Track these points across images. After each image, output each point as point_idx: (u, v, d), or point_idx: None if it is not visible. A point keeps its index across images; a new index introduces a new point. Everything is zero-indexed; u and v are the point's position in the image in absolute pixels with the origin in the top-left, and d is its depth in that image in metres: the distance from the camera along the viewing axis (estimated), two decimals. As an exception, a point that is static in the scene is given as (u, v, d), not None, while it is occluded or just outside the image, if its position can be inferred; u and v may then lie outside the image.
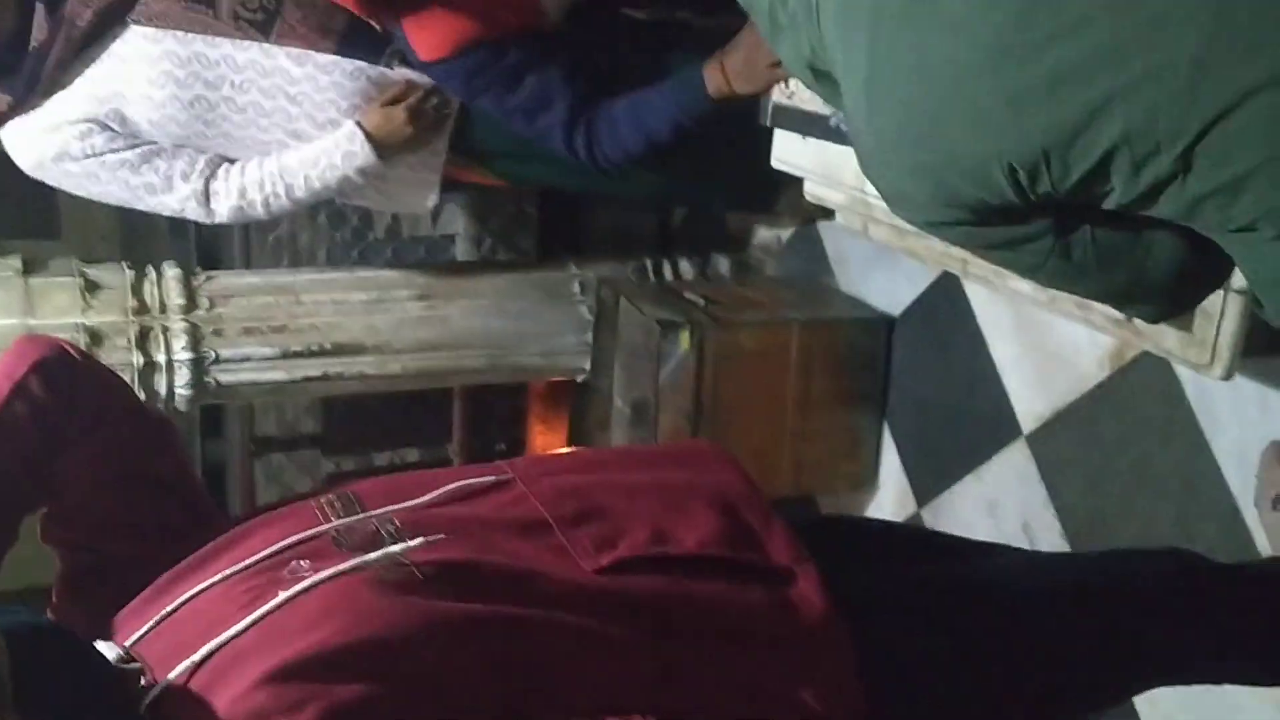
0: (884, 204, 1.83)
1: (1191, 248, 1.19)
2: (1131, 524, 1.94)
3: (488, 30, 1.86)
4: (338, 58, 2.05)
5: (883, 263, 2.46)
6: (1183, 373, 1.82)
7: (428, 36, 1.88)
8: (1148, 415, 1.89)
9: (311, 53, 2.04)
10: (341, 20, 2.09)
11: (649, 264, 2.83)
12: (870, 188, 1.92)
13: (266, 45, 2.04)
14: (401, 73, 2.07)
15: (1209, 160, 0.96)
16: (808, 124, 1.92)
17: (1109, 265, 1.19)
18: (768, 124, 2.02)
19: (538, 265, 2.88)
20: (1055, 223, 1.16)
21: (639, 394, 2.51)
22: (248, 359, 2.49)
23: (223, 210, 2.08)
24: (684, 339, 2.29)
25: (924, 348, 2.38)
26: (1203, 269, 1.22)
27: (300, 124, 2.06)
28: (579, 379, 2.75)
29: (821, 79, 1.33)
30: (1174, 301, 1.24)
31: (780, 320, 2.40)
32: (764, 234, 2.88)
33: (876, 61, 1.12)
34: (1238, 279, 1.60)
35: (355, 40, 2.09)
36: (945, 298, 2.30)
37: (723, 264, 2.88)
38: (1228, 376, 1.64)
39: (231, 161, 2.08)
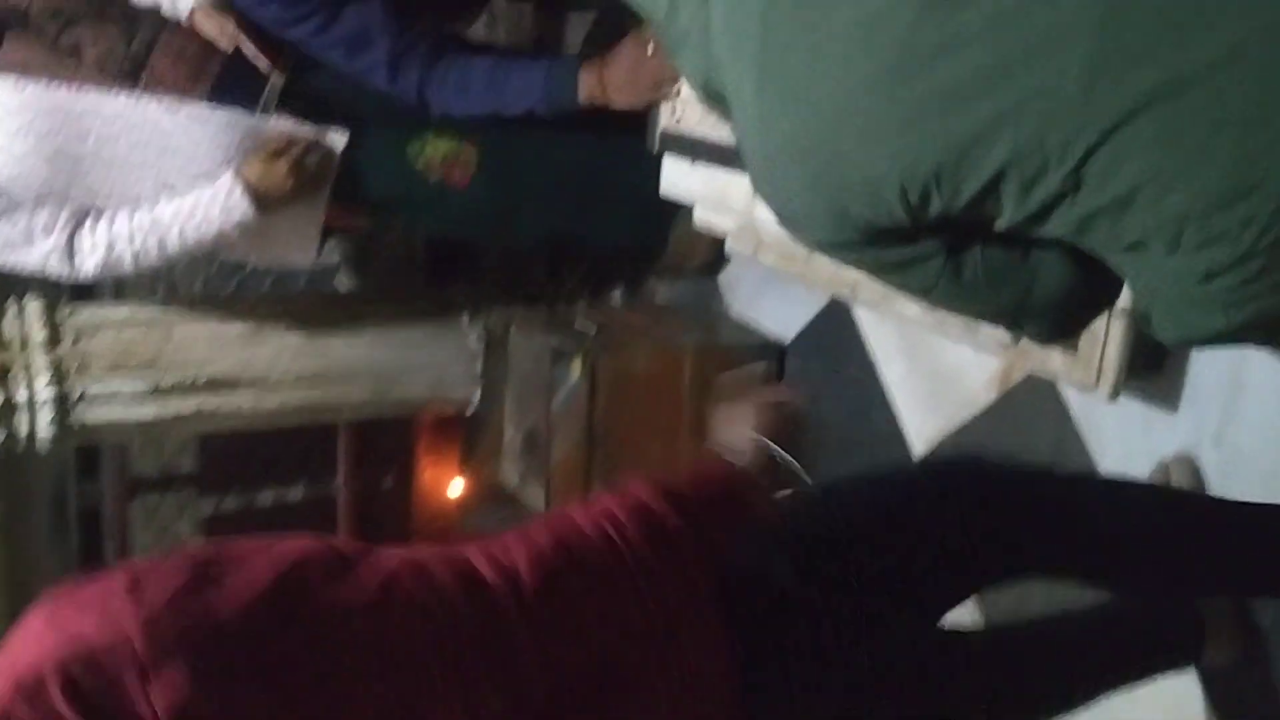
0: (775, 228, 1.83)
1: (1080, 268, 1.19)
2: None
3: None
4: (212, 107, 1.98)
5: (773, 288, 2.45)
6: (1069, 393, 1.84)
7: None
8: (1036, 436, 1.91)
9: (183, 102, 1.97)
10: (215, 66, 2.02)
11: (539, 290, 2.79)
12: (761, 212, 1.91)
13: (135, 95, 1.96)
14: (279, 122, 2.01)
15: (1098, 176, 0.95)
16: (695, 148, 1.91)
17: (997, 285, 1.19)
18: (655, 150, 2.00)
19: (424, 294, 2.81)
20: (946, 243, 1.15)
21: (531, 423, 2.46)
22: (116, 396, 2.37)
23: (88, 265, 1.98)
24: (576, 366, 2.25)
25: (816, 372, 2.38)
26: (1092, 289, 1.22)
27: (173, 176, 1.97)
28: (469, 411, 2.69)
29: (717, 99, 1.31)
30: (1063, 322, 1.25)
31: (672, 346, 2.38)
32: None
33: (766, 77, 1.10)
34: (1122, 299, 1.63)
35: (230, 87, 2.01)
36: (835, 323, 2.30)
37: (614, 290, 2.86)
38: (1114, 396, 1.66)
39: (98, 214, 1.98)
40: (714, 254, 2.45)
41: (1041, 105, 0.95)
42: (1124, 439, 1.77)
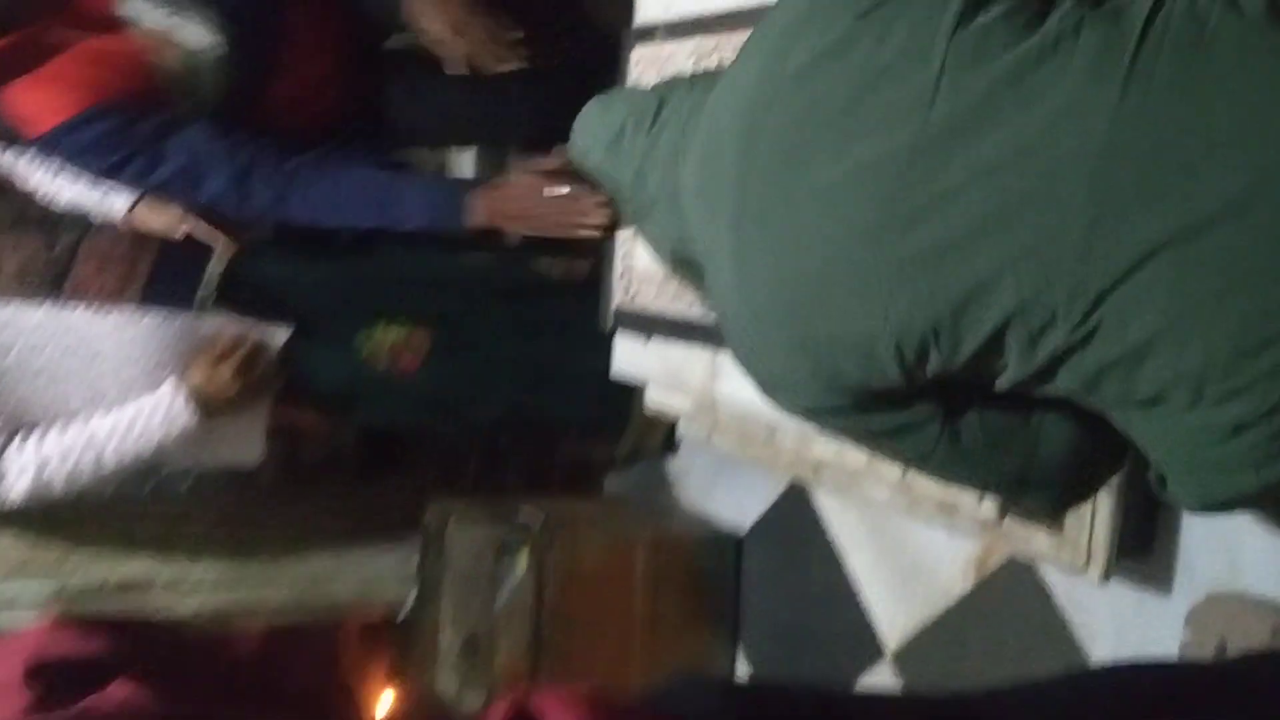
0: (734, 408, 1.74)
1: (1086, 429, 1.11)
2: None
3: (97, 95, 1.69)
4: (142, 308, 1.88)
5: (727, 475, 2.35)
6: (1052, 578, 1.73)
7: (32, 108, 1.70)
8: (1018, 625, 1.79)
9: (112, 306, 1.87)
10: (146, 266, 1.94)
11: (478, 480, 2.65)
12: (723, 388, 1.82)
13: (58, 303, 1.86)
14: (216, 319, 1.91)
15: (1110, 326, 0.88)
16: (651, 325, 1.83)
17: (1000, 450, 1.10)
18: (609, 328, 1.92)
19: (355, 484, 2.66)
20: (942, 407, 1.06)
21: (471, 626, 2.28)
22: (17, 599, 2.17)
23: (18, 489, 1.83)
24: (521, 560, 2.10)
25: (775, 564, 2.25)
26: (1098, 452, 1.13)
27: (104, 383, 1.85)
28: (401, 615, 2.49)
29: (686, 266, 1.23)
30: (1069, 487, 1.15)
31: (625, 538, 2.24)
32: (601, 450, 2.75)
33: (744, 238, 1.03)
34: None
35: (163, 285, 1.92)
36: (795, 510, 2.19)
37: (558, 480, 2.73)
38: (1105, 579, 1.56)
39: (28, 431, 1.84)
40: (665, 439, 2.35)
41: (1045, 252, 0.87)
42: (1115, 625, 1.66)
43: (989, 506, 1.55)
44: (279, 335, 1.93)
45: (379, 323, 2.00)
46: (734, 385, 1.77)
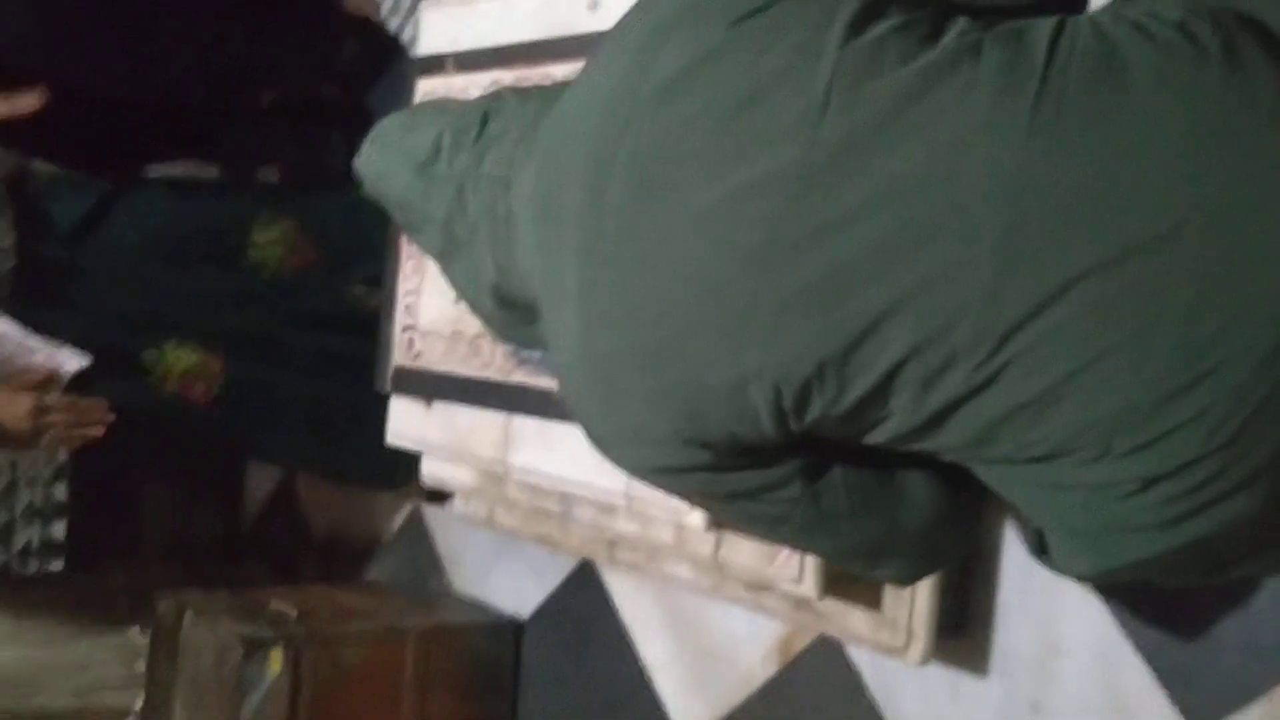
0: (527, 480, 1.57)
1: (948, 491, 1.02)
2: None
3: None
4: None
5: (506, 557, 2.16)
6: (862, 661, 1.64)
7: None
8: (826, 712, 1.68)
9: None
10: None
11: (219, 571, 2.35)
12: (515, 458, 1.65)
13: None
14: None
15: (1016, 369, 0.78)
16: (437, 387, 1.65)
17: (863, 513, 0.98)
18: (387, 391, 1.72)
19: (71, 575, 2.30)
20: (805, 465, 0.95)
21: (209, 735, 1.98)
22: None
23: None
24: (274, 660, 1.83)
25: (560, 653, 2.07)
26: (959, 516, 1.05)
27: None
28: (126, 724, 2.16)
29: (508, 307, 1.08)
30: (930, 553, 1.05)
31: (392, 630, 2.01)
32: (360, 533, 2.50)
33: (597, 271, 0.88)
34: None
35: None
36: (582, 593, 2.03)
37: (308, 570, 2.46)
38: (925, 661, 1.47)
39: None
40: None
41: (948, 285, 0.77)
42: (927, 711, 1.58)
43: (809, 584, 1.44)
44: (71, 363, 1.64)
45: (169, 342, 1.75)
46: (529, 455, 1.61)
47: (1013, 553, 1.50)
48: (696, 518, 1.42)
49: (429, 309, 1.66)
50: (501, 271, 1.01)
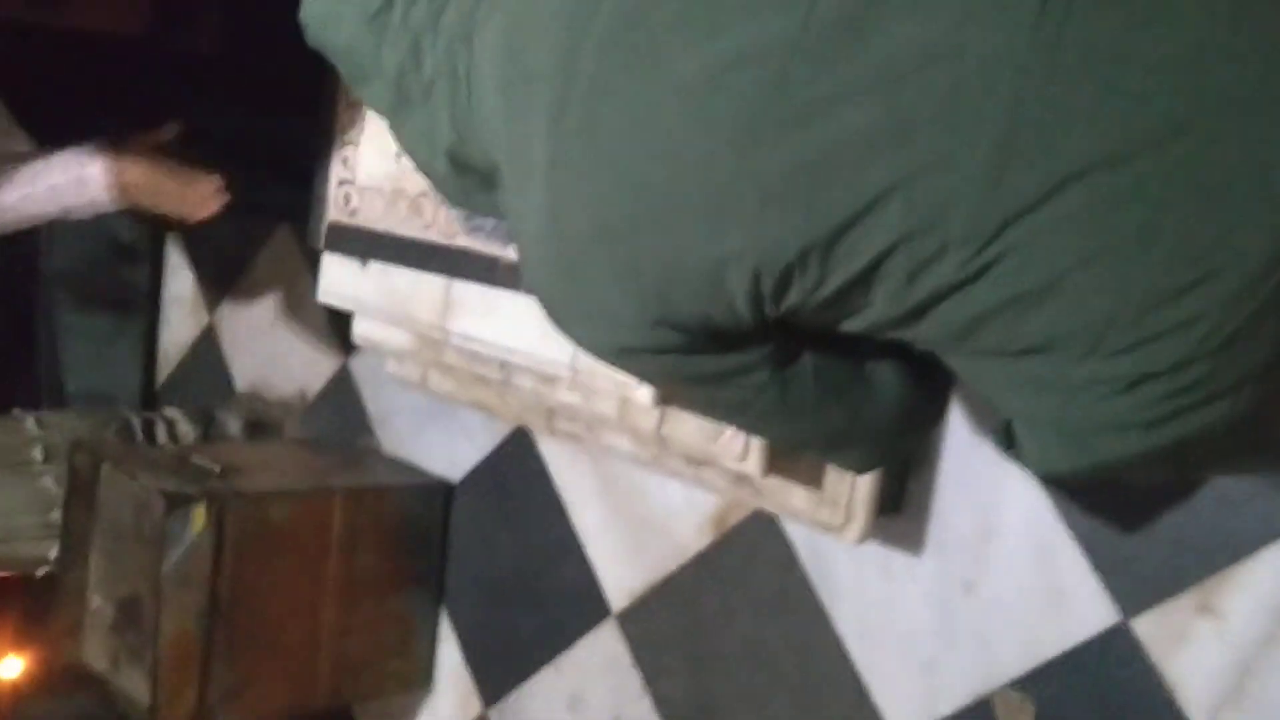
0: (466, 347, 1.52)
1: (914, 380, 1.00)
2: (743, 711, 1.71)
3: None
4: None
5: (438, 420, 2.12)
6: (796, 536, 1.65)
7: None
8: (757, 586, 1.70)
9: None
10: None
11: (136, 422, 2.28)
12: (455, 324, 1.59)
13: None
14: None
15: (1009, 262, 0.74)
16: (374, 246, 1.57)
17: (829, 403, 0.96)
18: (320, 247, 1.64)
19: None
20: (775, 352, 0.92)
21: (129, 589, 1.94)
22: None
23: None
24: (198, 517, 1.78)
25: (490, 519, 2.06)
26: (924, 405, 1.03)
27: None
28: (39, 572, 2.10)
29: (464, 172, 1.01)
30: (890, 445, 1.04)
31: (320, 489, 1.97)
32: (284, 389, 2.44)
33: (567, 138, 0.82)
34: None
35: None
36: (517, 459, 2.00)
37: (231, 424, 2.39)
38: (862, 539, 1.48)
39: None
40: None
41: (946, 171, 0.73)
42: (859, 586, 1.59)
43: (752, 462, 1.43)
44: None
45: None
46: (470, 322, 1.55)
47: (955, 437, 1.50)
48: (644, 393, 1.38)
49: (367, 163, 1.57)
50: (459, 134, 0.94)
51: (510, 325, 1.49)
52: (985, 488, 1.47)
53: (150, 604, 1.83)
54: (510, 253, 1.39)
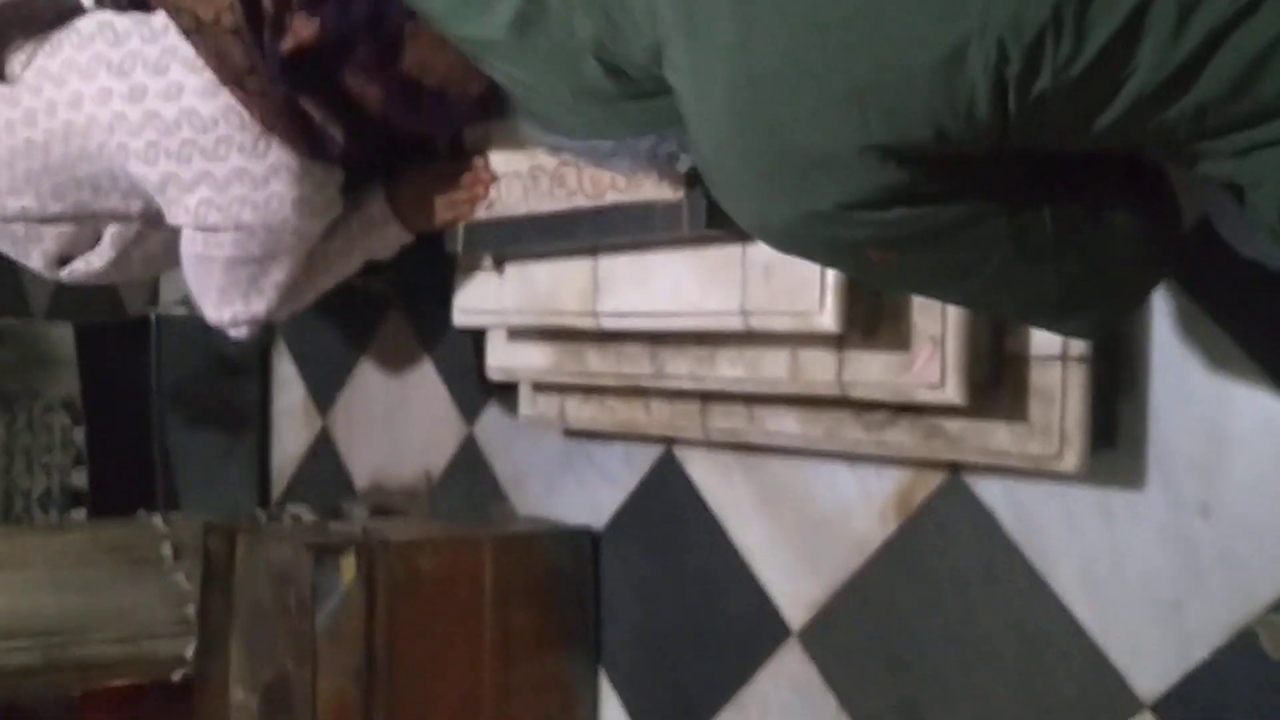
0: (611, 327, 1.44)
1: (1148, 215, 0.92)
2: (963, 709, 1.54)
3: None
4: None
5: (575, 468, 2.02)
6: (994, 498, 1.51)
7: None
8: (956, 565, 1.55)
9: None
10: None
11: (262, 516, 2.20)
12: (607, 303, 1.52)
13: None
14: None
15: None
16: (519, 233, 1.52)
17: (1066, 250, 0.87)
18: (459, 250, 1.60)
19: (103, 520, 2.15)
20: (1007, 200, 0.84)
21: (274, 671, 1.82)
22: None
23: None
24: (348, 567, 1.68)
25: (642, 562, 1.93)
26: (1162, 242, 0.95)
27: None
28: (176, 675, 1.99)
29: (615, 74, 0.96)
30: (1126, 296, 0.96)
31: (467, 538, 1.86)
32: (407, 476, 2.36)
33: None
34: (1075, 345, 1.35)
35: None
36: (664, 489, 1.89)
37: (357, 513, 2.31)
38: (1082, 467, 1.35)
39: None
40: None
41: None
42: (1078, 541, 1.45)
43: (951, 388, 1.32)
44: None
45: None
46: (622, 296, 1.49)
47: (1162, 353, 1.38)
48: (828, 317, 1.29)
49: (497, 154, 1.54)
50: (609, 19, 0.90)
51: (668, 287, 1.43)
52: (1205, 397, 1.34)
53: (300, 676, 1.71)
54: (665, 189, 1.32)
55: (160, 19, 1.45)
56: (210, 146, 1.44)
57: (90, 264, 1.72)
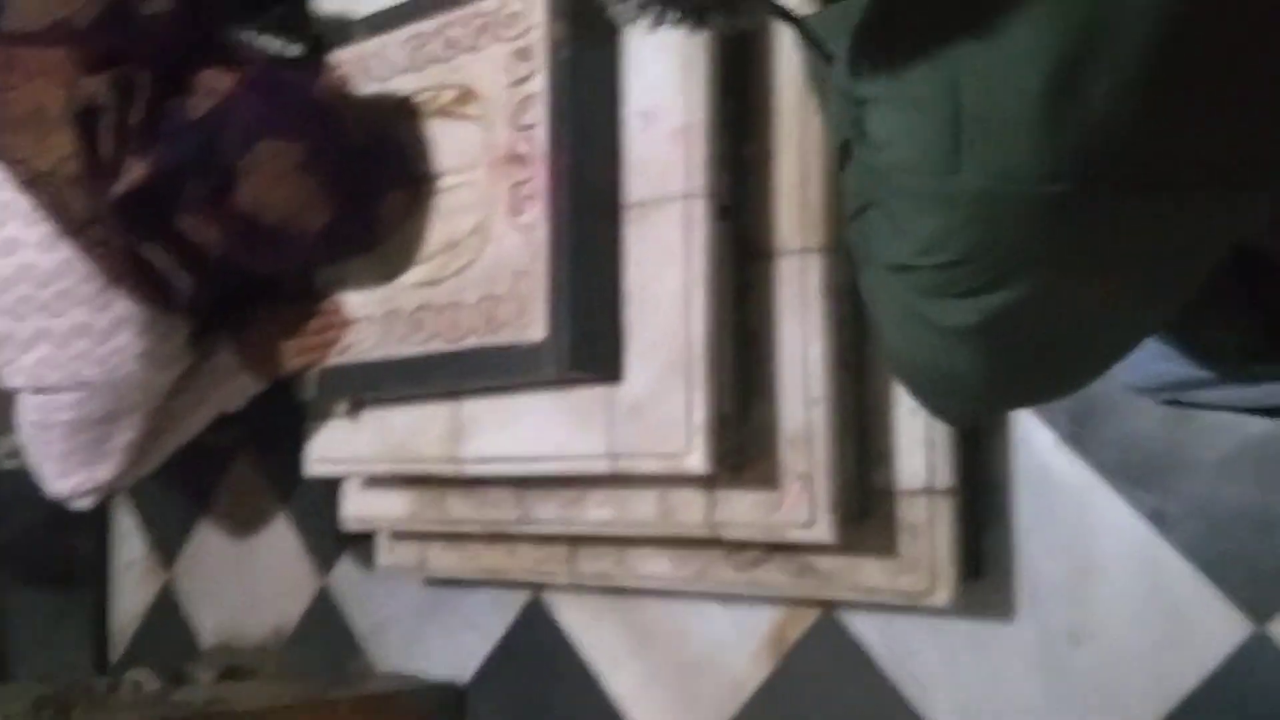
0: (473, 473, 1.39)
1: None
2: None
3: None
4: None
5: (438, 617, 1.93)
6: (866, 635, 1.49)
7: None
8: (833, 702, 1.52)
9: None
10: None
11: (100, 681, 2.03)
12: (467, 449, 1.46)
13: None
14: None
15: None
16: (374, 377, 1.46)
17: None
18: (311, 397, 1.53)
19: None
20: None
21: None
22: None
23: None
24: (188, 739, 1.56)
25: (510, 713, 1.84)
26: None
27: None
28: None
29: None
30: None
31: (322, 702, 1.75)
32: (257, 632, 2.22)
33: None
34: (941, 477, 1.36)
35: None
36: (533, 637, 1.82)
37: (203, 676, 2.15)
38: (953, 600, 1.35)
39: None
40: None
41: None
42: (953, 673, 1.43)
43: (822, 526, 1.30)
44: None
45: None
46: (485, 441, 1.44)
47: (1023, 479, 1.40)
48: (696, 458, 1.27)
49: (351, 297, 1.50)
50: None
51: (533, 430, 1.39)
52: (1069, 522, 1.36)
53: None
54: (531, 333, 1.29)
55: None
56: (49, 301, 1.36)
57: None
